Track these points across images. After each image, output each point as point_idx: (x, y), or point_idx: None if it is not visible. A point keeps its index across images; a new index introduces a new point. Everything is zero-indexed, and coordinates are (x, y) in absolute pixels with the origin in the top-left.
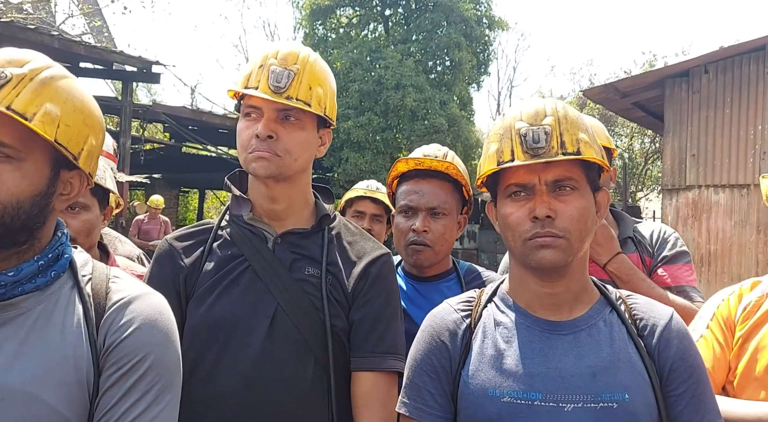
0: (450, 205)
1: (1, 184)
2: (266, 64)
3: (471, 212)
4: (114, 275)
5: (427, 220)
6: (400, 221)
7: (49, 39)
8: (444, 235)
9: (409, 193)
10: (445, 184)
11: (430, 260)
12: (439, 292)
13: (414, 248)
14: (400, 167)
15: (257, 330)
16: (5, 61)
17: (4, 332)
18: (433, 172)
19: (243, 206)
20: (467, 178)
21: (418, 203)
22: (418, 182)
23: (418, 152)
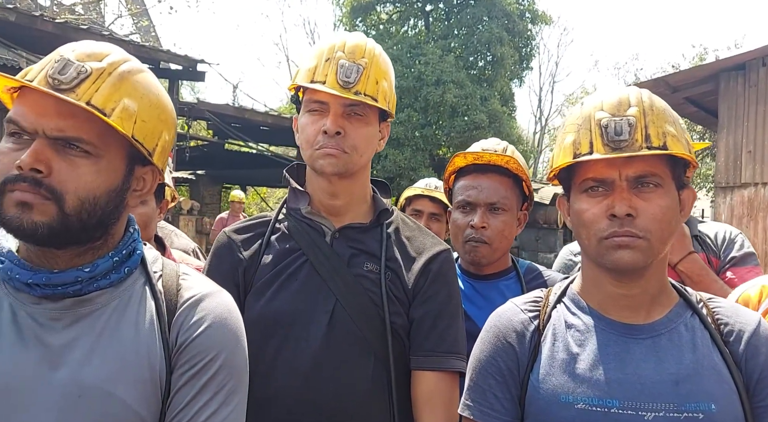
0: (510, 200)
1: (79, 179)
2: (333, 57)
3: (531, 208)
4: (183, 272)
5: (486, 216)
6: (458, 217)
7: (100, 39)
8: (503, 232)
9: (467, 188)
10: (504, 179)
11: (488, 258)
12: (497, 291)
13: (471, 245)
14: (458, 162)
15: (316, 326)
16: (85, 55)
17: (80, 327)
18: (492, 166)
19: (301, 200)
20: (528, 172)
21: (477, 198)
22: (476, 176)
23: (476, 146)
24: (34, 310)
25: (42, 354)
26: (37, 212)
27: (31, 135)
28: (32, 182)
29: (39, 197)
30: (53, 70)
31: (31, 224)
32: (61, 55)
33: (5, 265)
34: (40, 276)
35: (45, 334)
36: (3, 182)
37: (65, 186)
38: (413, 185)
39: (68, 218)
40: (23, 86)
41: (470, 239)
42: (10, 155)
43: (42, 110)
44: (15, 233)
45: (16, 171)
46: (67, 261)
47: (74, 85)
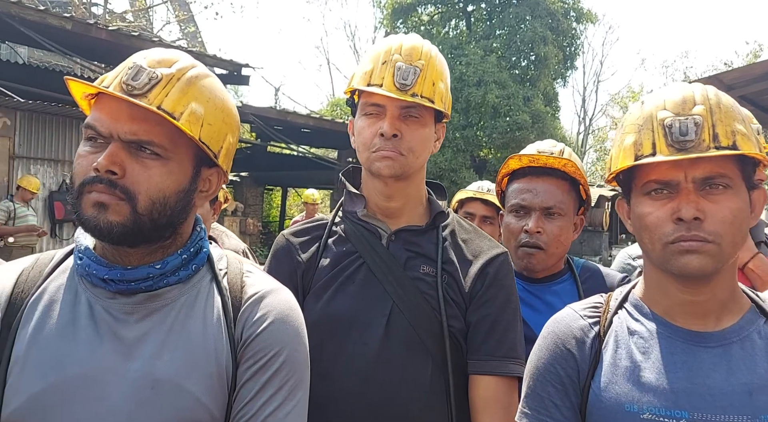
0: (566, 205)
1: (151, 181)
2: (390, 60)
3: (588, 212)
4: (247, 270)
5: (541, 220)
6: (511, 221)
7: (150, 45)
8: (559, 237)
9: (521, 191)
10: (561, 182)
11: (543, 264)
12: (552, 294)
13: (526, 251)
14: (512, 164)
15: (374, 329)
16: (155, 62)
17: (151, 321)
18: (548, 169)
19: (357, 203)
20: (585, 175)
21: (532, 202)
22: (531, 179)
23: (531, 148)
24: (110, 304)
25: (117, 347)
26: (112, 212)
27: (107, 139)
28: (108, 183)
29: (114, 197)
30: (127, 76)
31: (106, 224)
32: (134, 63)
33: (83, 261)
34: (115, 272)
35: (119, 327)
36: (81, 183)
37: (138, 187)
38: (465, 188)
39: (140, 217)
40: (100, 93)
41: (524, 243)
42: (87, 158)
43: (116, 114)
44: (92, 231)
45: (93, 173)
46: (139, 258)
47: (146, 90)
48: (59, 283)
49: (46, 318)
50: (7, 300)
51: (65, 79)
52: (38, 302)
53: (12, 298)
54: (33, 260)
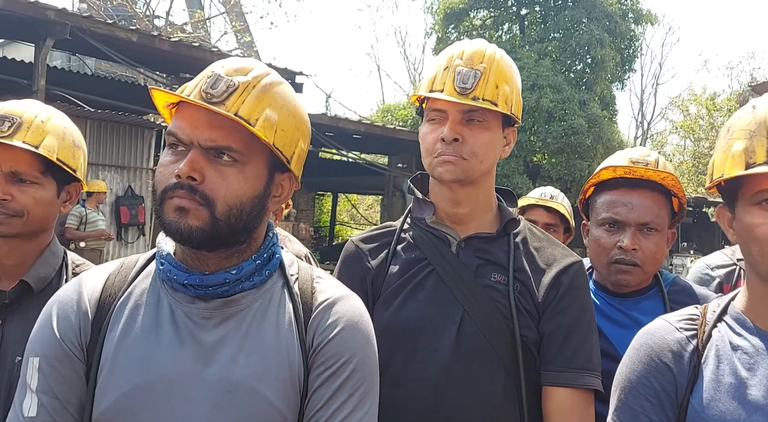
0: (662, 220)
1: (228, 187)
2: (451, 65)
3: (678, 225)
4: (317, 275)
5: (637, 237)
6: (602, 235)
7: (209, 55)
8: (655, 254)
9: (614, 204)
10: (657, 195)
11: (637, 281)
12: (638, 309)
13: (620, 268)
14: (605, 175)
15: (444, 337)
16: (232, 71)
17: (227, 326)
18: (644, 181)
19: (425, 209)
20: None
21: (627, 217)
22: (626, 192)
23: (622, 157)
24: (189, 309)
25: (196, 351)
26: (192, 216)
27: (187, 146)
28: (188, 189)
29: (194, 203)
30: (206, 85)
31: (187, 228)
32: (212, 72)
33: (165, 267)
34: (194, 278)
35: (198, 332)
36: (164, 190)
37: (216, 193)
38: (527, 195)
39: (218, 222)
40: (181, 102)
41: (618, 260)
42: (169, 167)
43: (196, 122)
44: (174, 236)
45: (174, 180)
46: (216, 263)
47: (224, 98)
48: (143, 287)
49: (132, 321)
50: (96, 303)
51: (150, 89)
52: (125, 306)
53: (101, 301)
54: (118, 264)
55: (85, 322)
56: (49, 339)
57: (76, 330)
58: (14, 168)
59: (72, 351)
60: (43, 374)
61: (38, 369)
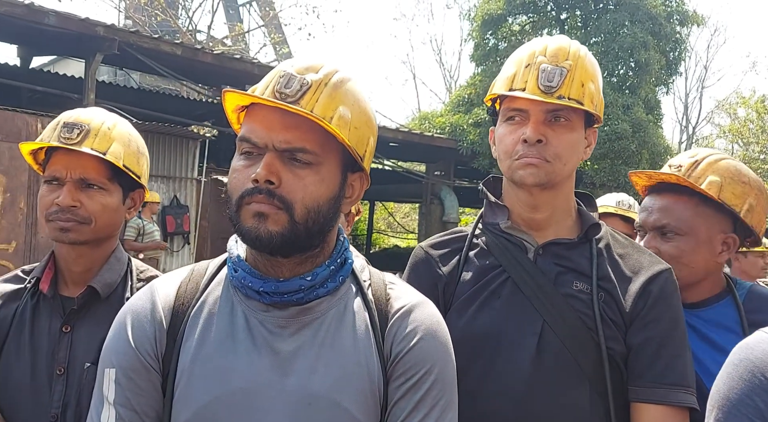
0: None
1: (306, 189)
2: (534, 62)
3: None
4: (390, 281)
5: (656, 240)
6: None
7: (250, 66)
8: (680, 259)
9: (640, 210)
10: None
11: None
12: (703, 320)
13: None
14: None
15: (524, 349)
16: (303, 69)
17: (304, 335)
18: (670, 185)
19: (499, 214)
20: None
21: (645, 222)
22: (653, 198)
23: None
24: (264, 317)
25: (273, 361)
26: (272, 221)
27: (261, 150)
28: (267, 193)
29: (273, 207)
30: (279, 85)
31: (267, 234)
32: (284, 71)
33: (239, 274)
34: (270, 285)
35: (275, 341)
36: (240, 196)
37: (294, 196)
38: (600, 202)
39: (297, 226)
40: (250, 106)
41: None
42: (243, 172)
43: (270, 124)
44: (252, 242)
45: (251, 185)
46: (290, 269)
47: (298, 97)
48: (216, 295)
49: (207, 330)
50: (170, 312)
51: (223, 92)
52: (199, 315)
53: (174, 310)
54: (188, 271)
55: (161, 332)
56: (124, 349)
57: (152, 341)
58: (83, 175)
59: (148, 361)
60: (120, 386)
61: (115, 380)
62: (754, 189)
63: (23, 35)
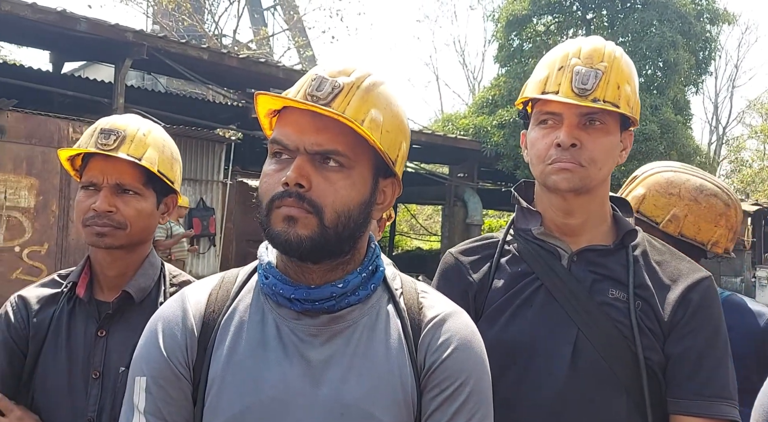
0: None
1: (336, 193)
2: (567, 64)
3: None
4: (422, 290)
5: None
6: None
7: (275, 70)
8: None
9: None
10: None
11: None
12: None
13: None
14: None
15: (559, 358)
16: (336, 72)
17: (336, 344)
18: None
19: (531, 220)
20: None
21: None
22: None
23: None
24: (295, 325)
25: (304, 370)
26: (301, 225)
27: (292, 153)
28: (297, 196)
29: (302, 211)
30: (311, 88)
31: (296, 237)
32: (316, 74)
33: (269, 280)
34: (301, 292)
35: (306, 350)
36: (271, 199)
37: (324, 200)
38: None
39: (327, 230)
40: (282, 110)
41: None
42: (274, 176)
43: (301, 127)
44: (282, 247)
45: (281, 188)
46: (321, 276)
47: (330, 99)
48: (247, 303)
49: (238, 338)
50: (201, 320)
51: (255, 94)
52: (230, 323)
53: (205, 318)
54: (219, 279)
55: (192, 340)
56: (155, 357)
57: (183, 349)
58: (119, 180)
59: (179, 370)
60: (151, 394)
61: (145, 389)
62: (684, 199)
63: (55, 41)
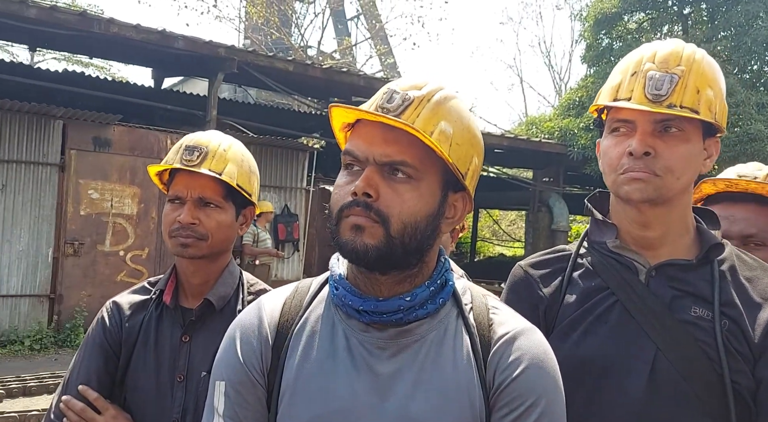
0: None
1: (403, 204)
2: (641, 70)
3: None
4: (493, 306)
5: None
6: None
7: (356, 79)
8: None
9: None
10: (763, 208)
11: None
12: None
13: None
14: (706, 189)
15: (635, 379)
16: (408, 86)
17: (403, 358)
18: (748, 195)
19: (606, 232)
20: None
21: (729, 230)
22: (727, 206)
23: (730, 172)
24: (364, 338)
25: (373, 383)
26: (368, 234)
27: (362, 164)
28: (364, 206)
29: (369, 220)
30: (382, 100)
31: (363, 246)
32: (388, 88)
33: (339, 292)
34: (369, 303)
35: (374, 362)
36: (340, 208)
37: (391, 210)
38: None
39: (393, 240)
40: (356, 123)
41: None
42: (344, 187)
43: (371, 139)
44: (349, 255)
45: (350, 198)
46: (389, 288)
47: (399, 112)
48: (318, 313)
49: (309, 348)
50: (275, 329)
51: (329, 107)
52: (302, 332)
53: (279, 327)
54: (293, 289)
55: (266, 348)
56: (233, 363)
57: (258, 356)
58: (201, 194)
59: (255, 377)
60: (229, 398)
61: (224, 393)
62: None
63: (156, 59)
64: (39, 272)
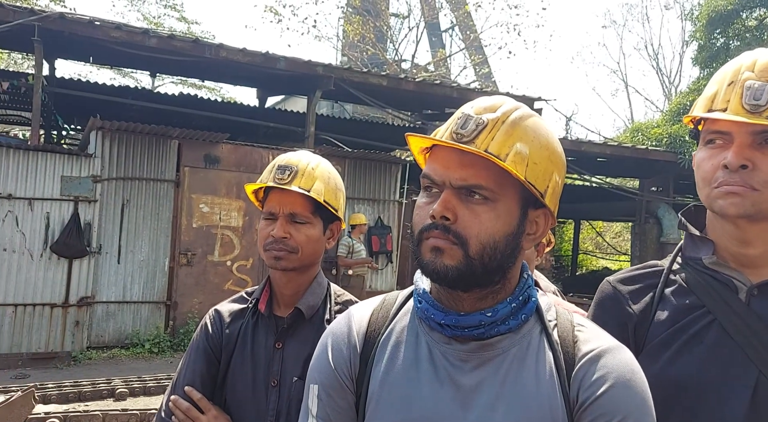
0: None
1: (481, 226)
2: (738, 79)
3: None
4: (578, 323)
5: None
6: None
7: (449, 90)
8: None
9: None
10: None
11: None
12: None
13: None
14: None
15: (734, 403)
16: (482, 109)
17: (485, 371)
18: None
19: (702, 248)
20: None
21: None
22: None
23: None
24: (446, 350)
25: (455, 393)
26: (447, 256)
27: (440, 187)
28: (442, 229)
29: (448, 242)
30: (456, 126)
31: (442, 267)
32: (462, 113)
33: (422, 305)
34: (450, 318)
35: (456, 374)
36: (420, 231)
37: (469, 232)
38: None
39: (472, 261)
40: (433, 146)
41: None
42: (424, 208)
43: (447, 163)
44: (430, 275)
45: (429, 221)
46: (471, 304)
47: (473, 136)
48: (403, 324)
49: (394, 357)
50: (363, 338)
51: (406, 136)
52: (387, 342)
53: (367, 336)
54: (381, 300)
55: (355, 355)
56: (325, 368)
57: (348, 363)
58: (292, 210)
59: (344, 382)
60: (322, 401)
61: (317, 396)
62: None
63: (260, 79)
64: (157, 280)
